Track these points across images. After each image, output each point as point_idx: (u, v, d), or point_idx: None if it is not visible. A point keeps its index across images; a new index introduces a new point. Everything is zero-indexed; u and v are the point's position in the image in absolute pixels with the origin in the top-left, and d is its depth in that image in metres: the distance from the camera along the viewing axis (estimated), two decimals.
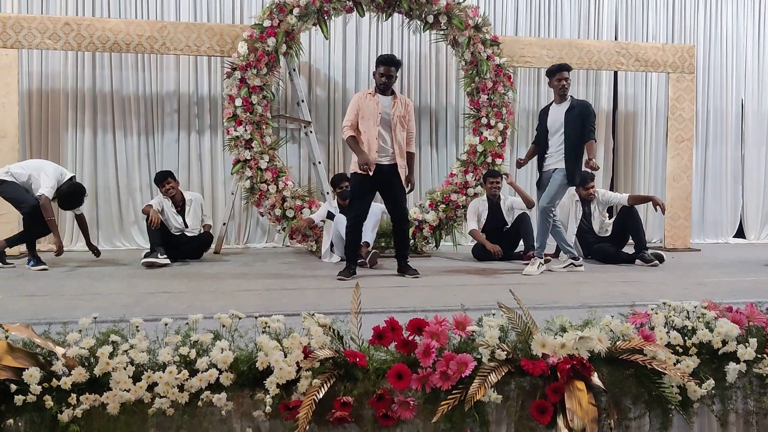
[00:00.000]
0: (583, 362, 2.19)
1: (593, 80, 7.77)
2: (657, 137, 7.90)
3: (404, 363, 2.14)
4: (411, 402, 2.12)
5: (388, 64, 4.41)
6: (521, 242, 5.67)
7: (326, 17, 6.05)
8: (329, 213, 5.61)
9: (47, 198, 4.95)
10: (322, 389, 2.06)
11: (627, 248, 5.67)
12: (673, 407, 2.29)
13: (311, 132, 6.67)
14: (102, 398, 2.01)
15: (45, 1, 6.69)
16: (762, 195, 8.31)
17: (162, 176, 5.52)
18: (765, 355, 2.42)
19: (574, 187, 5.33)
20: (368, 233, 5.15)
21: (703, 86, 8.04)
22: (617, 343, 2.32)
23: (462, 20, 6.12)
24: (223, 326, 2.23)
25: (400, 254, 4.62)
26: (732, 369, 2.35)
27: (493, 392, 2.14)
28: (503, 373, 2.16)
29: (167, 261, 5.07)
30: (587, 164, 4.72)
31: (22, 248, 5.44)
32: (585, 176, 5.32)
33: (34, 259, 4.91)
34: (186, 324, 2.25)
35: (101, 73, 6.82)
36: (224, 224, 6.45)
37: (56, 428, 1.99)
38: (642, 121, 7.96)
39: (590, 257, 5.64)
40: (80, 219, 5.42)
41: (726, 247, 7.52)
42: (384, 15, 6.19)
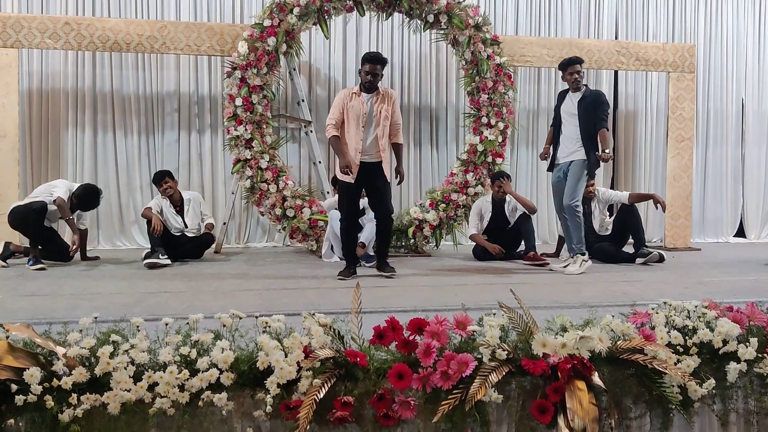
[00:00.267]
0: (584, 362, 2.19)
1: (593, 80, 7.75)
2: (657, 136, 7.90)
3: (405, 363, 2.14)
4: (412, 402, 2.12)
5: (374, 62, 4.34)
6: (522, 243, 5.65)
7: (326, 17, 6.04)
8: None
9: (62, 199, 5.01)
10: (323, 389, 2.06)
11: (627, 248, 5.67)
12: (674, 407, 2.29)
13: (311, 131, 6.67)
14: (103, 398, 2.02)
15: (45, 1, 6.67)
16: (762, 194, 8.30)
17: (160, 176, 5.52)
18: (766, 355, 2.42)
19: None
20: (365, 234, 5.14)
21: (704, 85, 8.03)
22: (618, 343, 2.32)
23: (462, 19, 6.12)
24: (224, 326, 2.23)
25: (380, 251, 4.60)
26: (733, 368, 2.35)
27: (494, 392, 2.14)
28: (504, 373, 2.16)
29: (168, 261, 5.07)
30: (599, 156, 4.65)
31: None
32: None
33: (34, 259, 4.91)
34: (186, 324, 2.25)
35: (101, 73, 6.81)
36: (224, 224, 6.45)
37: (57, 428, 1.99)
38: (642, 121, 7.96)
39: (591, 257, 5.62)
40: (83, 233, 5.43)
41: (726, 247, 7.51)
42: (384, 14, 6.19)
